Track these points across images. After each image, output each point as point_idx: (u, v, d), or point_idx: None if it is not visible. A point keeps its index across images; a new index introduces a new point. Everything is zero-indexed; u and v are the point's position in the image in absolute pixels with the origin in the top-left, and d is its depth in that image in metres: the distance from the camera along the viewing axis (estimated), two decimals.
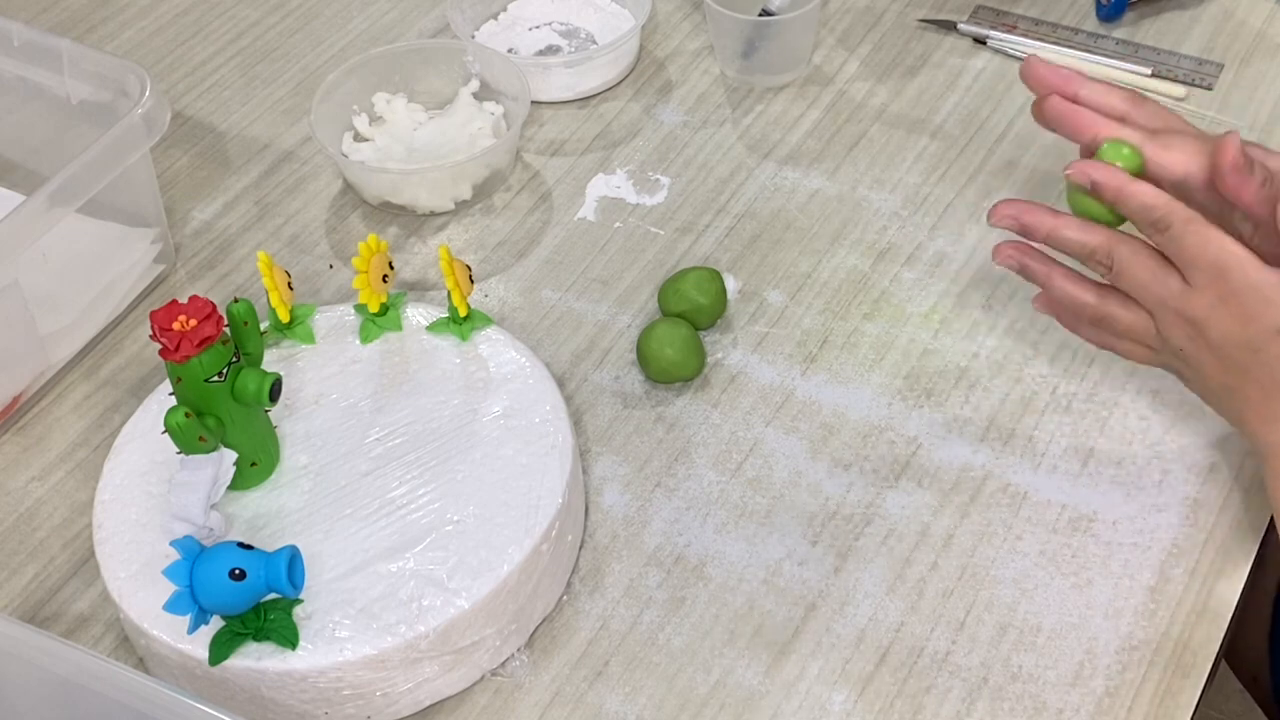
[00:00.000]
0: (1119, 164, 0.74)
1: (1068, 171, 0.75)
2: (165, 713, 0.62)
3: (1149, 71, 1.07)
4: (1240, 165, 0.72)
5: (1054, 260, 0.78)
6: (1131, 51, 1.09)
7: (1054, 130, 0.79)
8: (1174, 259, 0.73)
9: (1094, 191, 0.74)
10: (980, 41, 1.11)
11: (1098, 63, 1.08)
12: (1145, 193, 0.73)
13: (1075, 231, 0.75)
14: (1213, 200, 0.75)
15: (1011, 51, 1.10)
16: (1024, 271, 0.79)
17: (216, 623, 0.71)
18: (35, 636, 0.65)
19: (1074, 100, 0.78)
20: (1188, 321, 0.73)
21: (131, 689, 0.62)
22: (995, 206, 0.78)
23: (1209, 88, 1.06)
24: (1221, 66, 1.07)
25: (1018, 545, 0.80)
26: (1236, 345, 0.72)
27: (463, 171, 1.00)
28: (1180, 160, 0.75)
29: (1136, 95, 0.79)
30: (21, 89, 0.97)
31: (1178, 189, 0.74)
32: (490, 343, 0.84)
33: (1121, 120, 0.77)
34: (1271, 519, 0.81)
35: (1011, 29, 1.12)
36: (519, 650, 0.77)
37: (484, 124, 1.03)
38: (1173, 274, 0.73)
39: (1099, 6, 1.12)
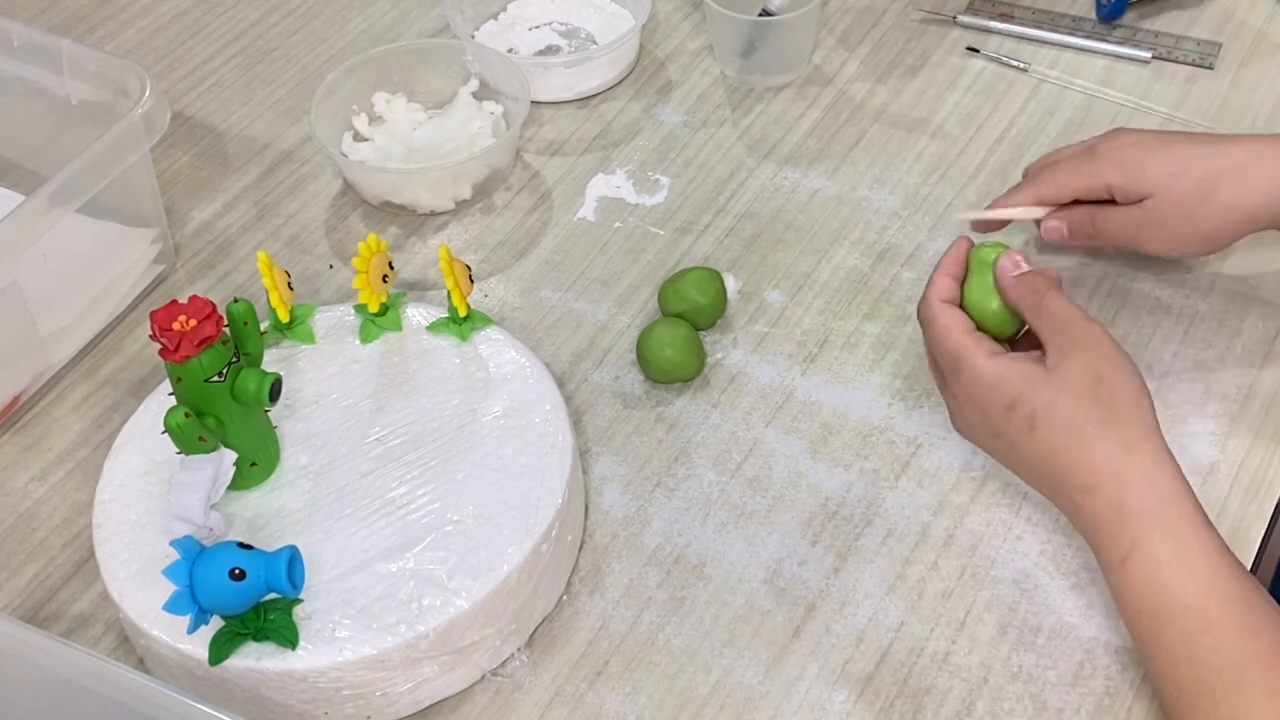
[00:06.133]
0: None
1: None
2: (165, 713, 0.62)
3: (1149, 56, 1.08)
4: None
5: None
6: (1130, 35, 1.10)
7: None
8: None
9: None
10: (974, 50, 1.11)
11: (1097, 49, 1.09)
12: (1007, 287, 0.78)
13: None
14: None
15: (1007, 61, 1.10)
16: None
17: (216, 623, 0.71)
18: (35, 636, 0.65)
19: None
20: (951, 412, 0.78)
21: (131, 689, 0.62)
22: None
23: (1210, 67, 1.06)
24: (1219, 45, 1.08)
25: (1018, 545, 0.80)
26: (982, 434, 0.76)
27: (463, 171, 1.00)
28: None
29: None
30: (21, 89, 0.97)
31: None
32: (490, 343, 0.84)
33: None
34: (1272, 519, 0.81)
35: (1009, 19, 1.12)
36: (519, 650, 0.77)
37: (484, 124, 1.03)
38: (941, 370, 0.78)
39: (1099, 6, 1.12)
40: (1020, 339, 0.79)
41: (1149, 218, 0.83)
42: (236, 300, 0.77)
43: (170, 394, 0.76)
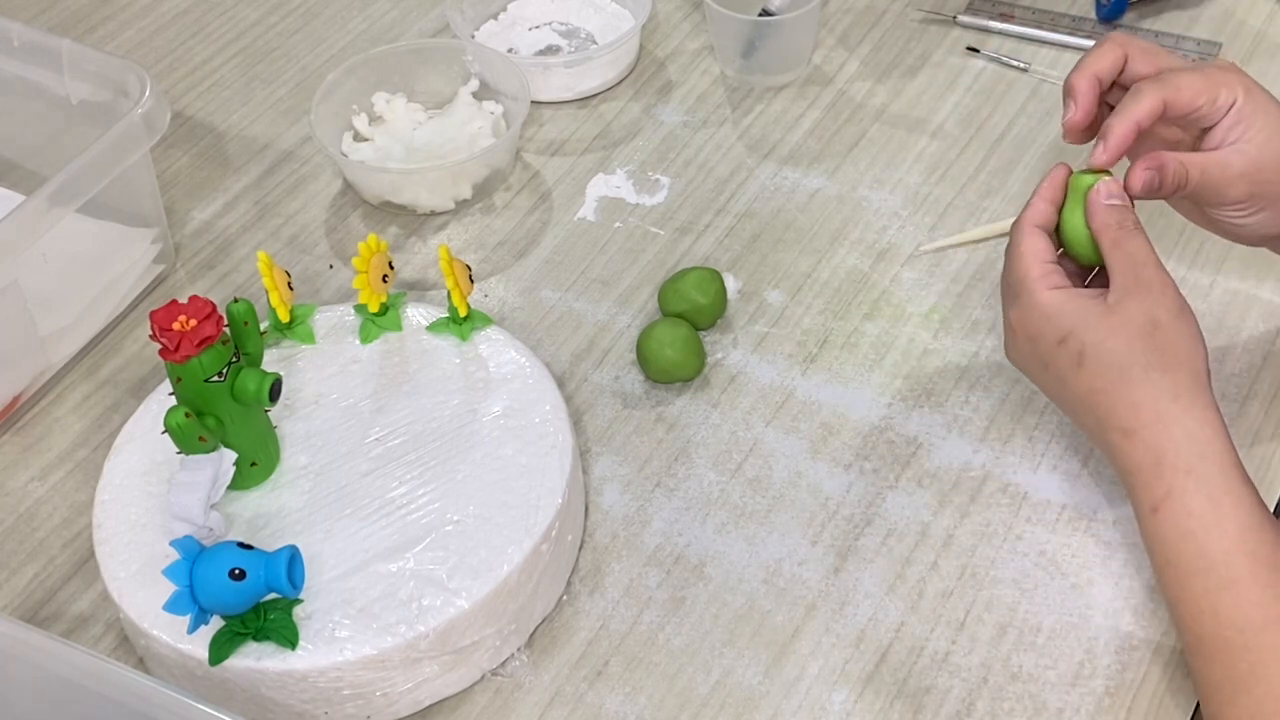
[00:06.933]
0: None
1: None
2: (165, 713, 0.62)
3: None
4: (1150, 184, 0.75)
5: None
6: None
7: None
8: None
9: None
10: (974, 50, 1.11)
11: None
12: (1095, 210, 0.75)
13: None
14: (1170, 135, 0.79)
15: (1007, 61, 1.10)
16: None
17: (216, 623, 0.71)
18: (35, 636, 0.65)
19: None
20: (1007, 332, 0.77)
21: (131, 689, 0.62)
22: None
23: None
24: (1219, 45, 1.08)
25: (1018, 545, 0.80)
26: (1031, 363, 0.75)
27: (463, 171, 1.00)
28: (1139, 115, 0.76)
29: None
30: (21, 89, 0.97)
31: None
32: (490, 343, 0.84)
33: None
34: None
35: (1009, 19, 1.12)
36: (519, 650, 0.77)
37: (484, 123, 1.03)
38: (1005, 293, 0.77)
39: (1098, 6, 1.12)
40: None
41: (1255, 170, 0.75)
42: (236, 300, 0.77)
43: (170, 394, 0.76)
